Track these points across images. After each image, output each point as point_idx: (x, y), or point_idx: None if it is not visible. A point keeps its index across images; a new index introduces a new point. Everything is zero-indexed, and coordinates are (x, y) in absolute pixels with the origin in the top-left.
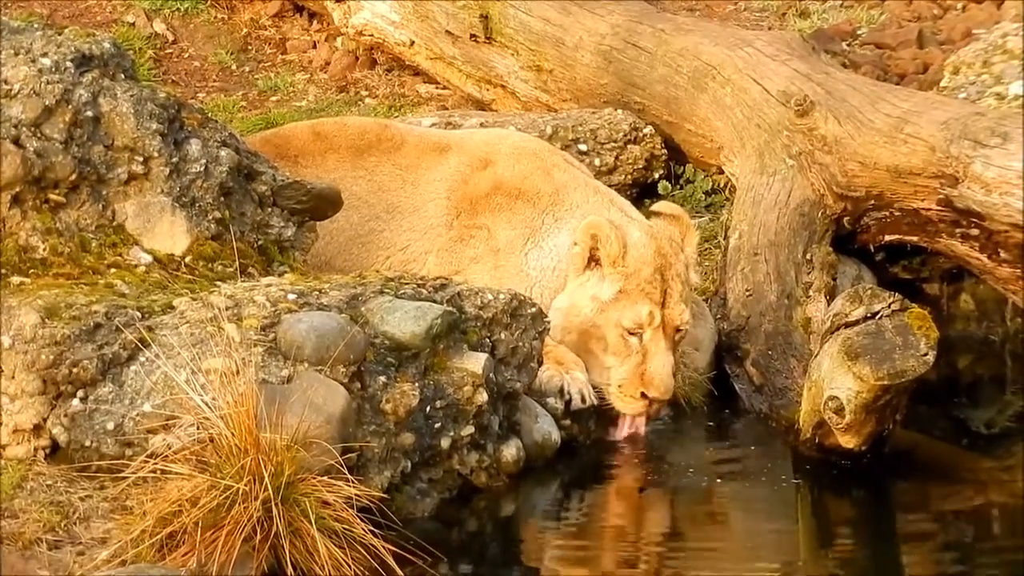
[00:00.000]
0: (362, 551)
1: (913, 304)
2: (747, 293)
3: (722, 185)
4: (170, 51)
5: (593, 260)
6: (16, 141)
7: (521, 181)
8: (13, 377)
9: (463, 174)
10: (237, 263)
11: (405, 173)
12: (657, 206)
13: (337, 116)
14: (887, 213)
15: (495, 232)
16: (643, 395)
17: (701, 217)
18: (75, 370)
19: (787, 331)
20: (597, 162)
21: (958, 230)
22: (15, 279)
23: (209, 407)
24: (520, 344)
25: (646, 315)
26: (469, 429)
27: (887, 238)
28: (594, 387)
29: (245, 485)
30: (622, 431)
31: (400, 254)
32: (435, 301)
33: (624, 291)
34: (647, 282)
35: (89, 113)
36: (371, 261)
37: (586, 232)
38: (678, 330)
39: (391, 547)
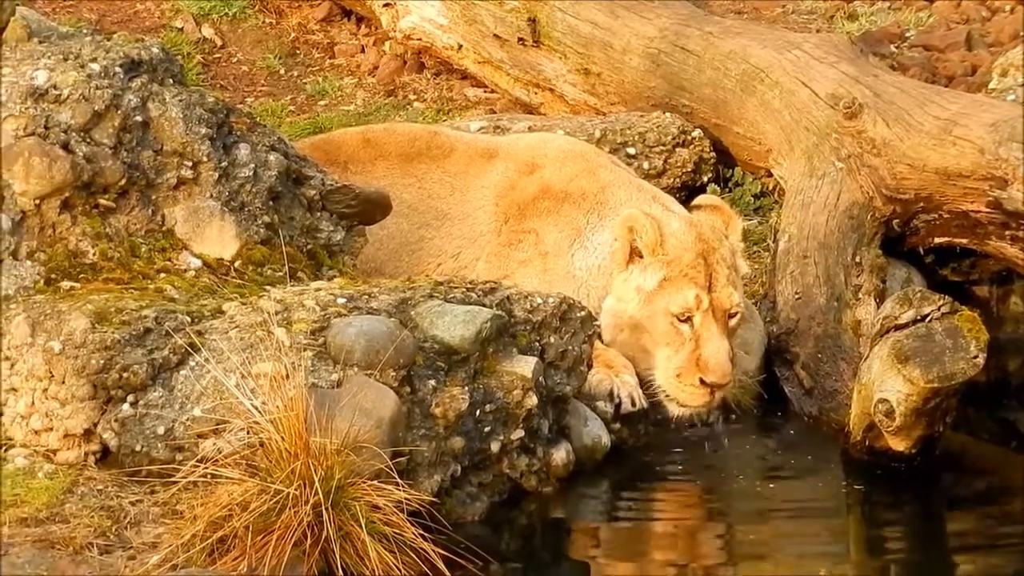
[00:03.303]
0: (412, 555)
1: (963, 306)
2: (796, 296)
3: (771, 188)
4: (218, 56)
5: (634, 253)
6: (65, 146)
7: (567, 183)
8: (63, 382)
9: (511, 179)
10: (286, 267)
11: (454, 180)
12: (698, 199)
13: (385, 120)
14: (936, 215)
15: (543, 236)
16: (702, 382)
17: (750, 220)
18: (125, 375)
19: (836, 334)
20: (646, 165)
21: (1007, 232)
22: (65, 284)
23: (259, 411)
24: (570, 348)
25: (693, 299)
26: (519, 433)
27: (936, 240)
28: (652, 386)
29: (295, 489)
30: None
31: (451, 261)
32: (484, 305)
33: (668, 279)
34: (690, 267)
35: (138, 118)
36: (422, 268)
37: (623, 226)
38: (730, 315)
39: (441, 551)
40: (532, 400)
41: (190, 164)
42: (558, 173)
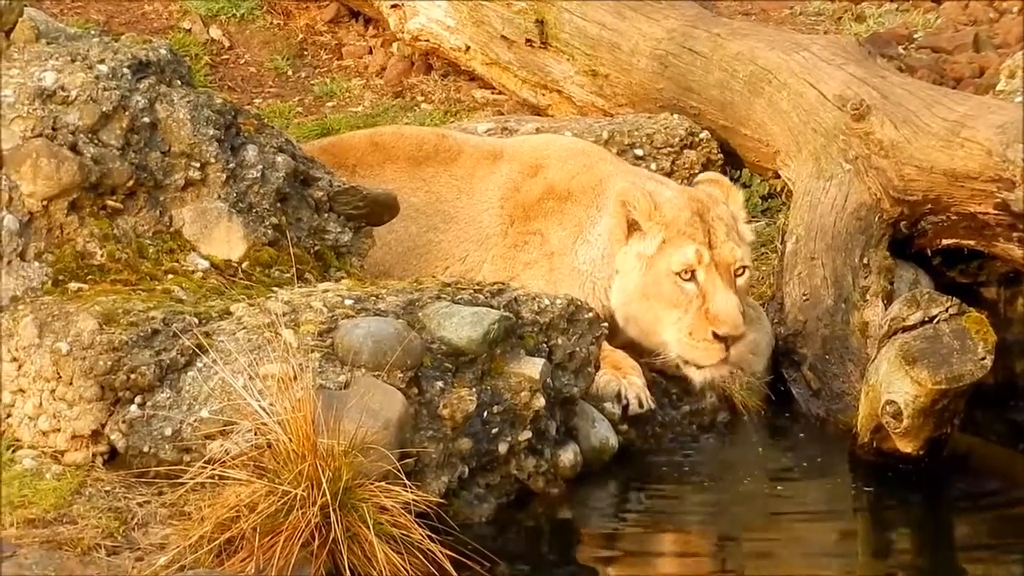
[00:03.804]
0: (420, 556)
1: (970, 308)
2: (804, 298)
3: (779, 189)
4: (226, 57)
5: (632, 227)
6: (73, 147)
7: (569, 182)
8: (71, 383)
9: (515, 181)
10: (294, 269)
11: (461, 183)
12: (699, 177)
13: (393, 121)
14: (944, 217)
15: (548, 236)
16: (715, 336)
17: (758, 222)
18: (133, 376)
19: (844, 335)
20: (653, 167)
21: (1015, 234)
22: (73, 285)
23: (267, 413)
24: (577, 349)
25: (693, 254)
26: (526, 434)
27: (944, 242)
28: (669, 357)
29: (303, 491)
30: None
31: (459, 264)
32: (492, 306)
33: (666, 240)
34: (687, 224)
35: (146, 119)
36: (430, 271)
37: (616, 202)
38: (737, 273)
39: (449, 552)
40: (540, 401)
41: (198, 165)
42: (561, 172)
